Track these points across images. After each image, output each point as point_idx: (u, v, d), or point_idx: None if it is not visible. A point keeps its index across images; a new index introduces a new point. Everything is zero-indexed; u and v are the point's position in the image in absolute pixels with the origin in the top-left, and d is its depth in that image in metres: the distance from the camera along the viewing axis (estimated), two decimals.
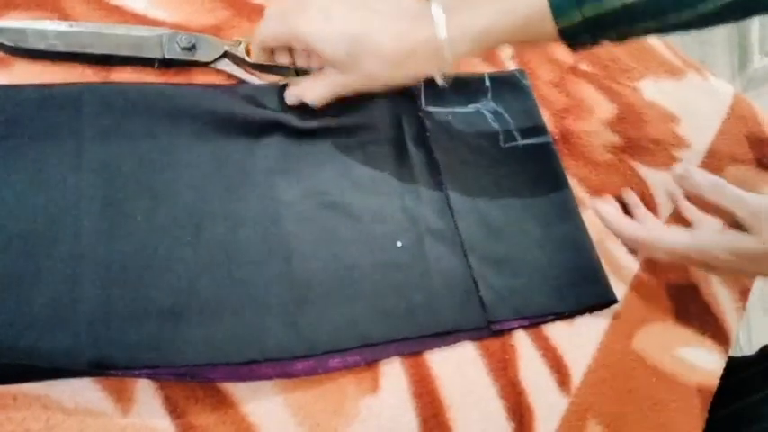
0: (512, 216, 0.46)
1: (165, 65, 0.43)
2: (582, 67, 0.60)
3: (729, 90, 0.65)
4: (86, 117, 0.39)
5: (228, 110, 0.42)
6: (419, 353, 0.39)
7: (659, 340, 0.46)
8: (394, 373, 0.38)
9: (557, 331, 0.43)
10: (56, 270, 0.34)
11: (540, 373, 0.41)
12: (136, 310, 0.34)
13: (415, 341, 0.39)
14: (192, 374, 0.34)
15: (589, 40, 0.41)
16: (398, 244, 0.42)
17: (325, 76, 0.43)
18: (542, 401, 0.40)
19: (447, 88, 0.51)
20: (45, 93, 0.39)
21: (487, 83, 0.53)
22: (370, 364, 0.38)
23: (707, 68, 0.67)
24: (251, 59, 0.45)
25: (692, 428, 0.43)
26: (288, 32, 0.42)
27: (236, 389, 0.35)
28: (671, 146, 0.58)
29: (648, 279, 0.49)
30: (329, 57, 0.41)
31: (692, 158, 0.58)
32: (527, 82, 0.54)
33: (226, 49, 0.44)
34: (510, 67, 0.56)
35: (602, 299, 0.45)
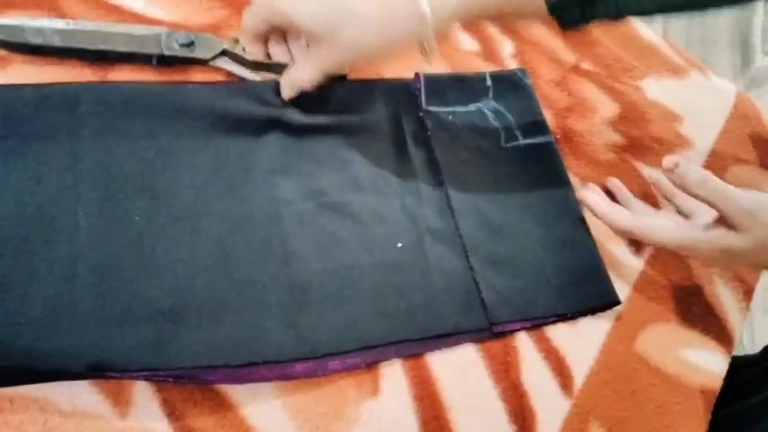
0: (513, 216, 0.46)
1: (163, 62, 0.43)
2: (584, 66, 0.59)
3: (732, 89, 0.65)
4: (84, 116, 0.38)
5: (227, 108, 0.42)
6: (420, 355, 0.39)
7: (662, 342, 0.46)
8: (394, 376, 0.38)
9: (559, 333, 0.43)
10: (53, 271, 0.34)
11: (542, 376, 0.41)
12: (134, 311, 0.34)
13: (415, 343, 0.39)
14: (191, 376, 0.33)
15: (579, 16, 0.40)
16: (398, 244, 0.41)
17: (311, 56, 0.43)
18: (544, 404, 0.40)
19: (448, 87, 0.51)
20: (42, 92, 0.38)
21: (489, 82, 0.52)
22: (371, 366, 0.37)
23: (709, 68, 0.66)
24: (249, 57, 0.44)
25: (695, 430, 0.43)
26: (271, 10, 0.42)
27: (235, 391, 0.34)
28: (674, 145, 0.58)
29: (651, 280, 0.48)
30: (310, 30, 0.41)
31: (695, 158, 0.58)
32: (529, 81, 0.54)
33: (224, 47, 0.44)
34: (511, 65, 0.56)
35: (605, 300, 0.45)
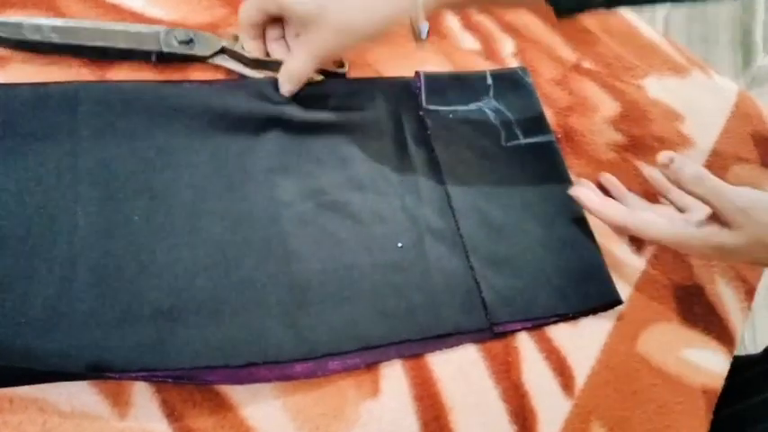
0: (514, 216, 0.46)
1: (162, 59, 0.43)
2: (585, 64, 0.59)
3: (734, 88, 0.64)
4: (82, 116, 0.38)
5: (226, 106, 0.42)
6: (420, 355, 0.39)
7: (664, 341, 0.45)
8: (394, 376, 0.38)
9: (560, 333, 0.43)
10: (52, 271, 0.33)
11: (544, 376, 0.41)
12: (133, 311, 0.34)
13: (415, 343, 0.38)
14: (190, 377, 0.33)
15: (575, 4, 0.40)
16: (399, 244, 0.41)
17: (303, 43, 0.43)
18: (545, 404, 0.40)
19: (448, 86, 0.51)
20: (41, 92, 0.38)
21: (489, 80, 0.52)
22: (371, 366, 0.37)
23: (711, 66, 0.66)
24: (248, 54, 0.44)
25: (696, 430, 0.43)
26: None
27: (235, 392, 0.34)
28: (675, 144, 0.57)
29: (653, 279, 0.48)
30: (299, 13, 0.41)
31: (697, 157, 0.58)
32: (530, 79, 0.54)
33: (223, 44, 0.44)
34: (512, 64, 0.56)
35: (606, 299, 0.45)
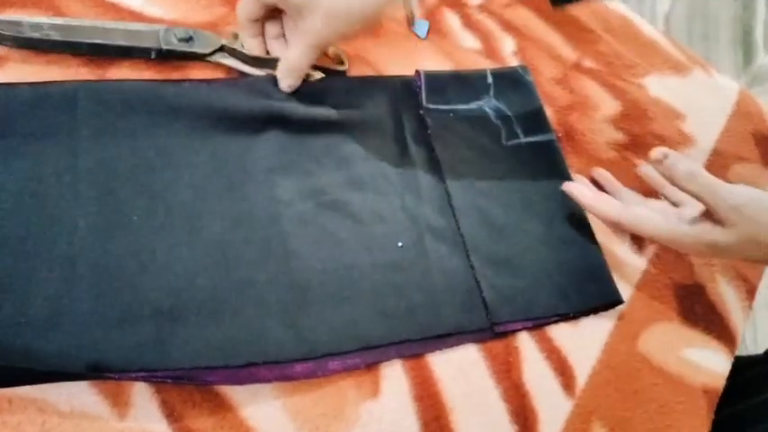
0: (514, 215, 0.46)
1: (161, 56, 0.43)
2: (585, 63, 0.59)
3: (735, 87, 0.64)
4: (82, 115, 0.38)
5: (227, 105, 0.42)
6: (420, 355, 0.38)
7: (665, 341, 0.45)
8: (395, 376, 0.37)
9: (561, 332, 0.43)
10: (52, 271, 0.33)
11: (544, 376, 0.41)
12: (133, 311, 0.34)
13: (416, 343, 0.38)
14: (190, 377, 0.33)
15: None
16: (399, 244, 0.41)
17: (299, 34, 0.43)
18: (546, 404, 0.40)
19: (448, 85, 0.50)
20: (40, 91, 0.38)
21: (490, 79, 0.52)
22: (371, 366, 0.37)
23: (712, 65, 0.66)
24: (248, 52, 0.44)
25: (697, 430, 0.43)
26: None
27: (234, 392, 0.34)
28: (676, 143, 0.57)
29: (654, 279, 0.48)
30: (294, 0, 0.41)
31: (698, 156, 0.58)
32: (530, 78, 0.54)
33: (222, 42, 0.44)
34: (512, 63, 0.55)
35: (607, 299, 0.44)
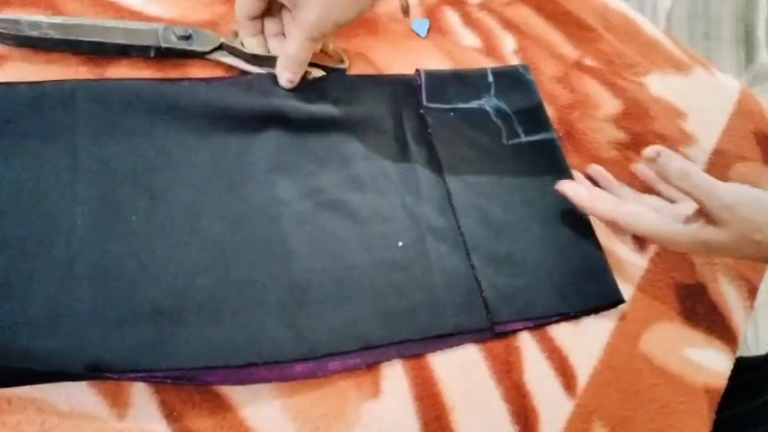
0: (515, 214, 0.45)
1: (161, 55, 0.43)
2: (586, 62, 0.59)
3: (736, 85, 0.64)
4: (81, 115, 0.38)
5: (226, 104, 0.42)
6: (421, 355, 0.38)
7: (666, 341, 0.45)
8: (395, 376, 0.37)
9: (562, 332, 0.42)
10: (51, 271, 0.33)
11: (545, 376, 0.40)
12: (132, 311, 0.34)
13: (416, 343, 0.38)
14: (189, 377, 0.33)
15: None
16: (399, 243, 0.41)
17: (296, 25, 0.43)
18: (547, 404, 0.39)
19: (449, 84, 0.50)
20: (39, 90, 0.38)
21: (490, 78, 0.52)
22: (371, 366, 0.37)
23: (713, 64, 0.66)
24: (247, 50, 0.44)
25: (699, 430, 0.43)
26: None
27: (234, 392, 0.34)
28: (677, 142, 0.57)
29: (655, 279, 0.48)
30: None
31: (699, 155, 0.57)
32: (531, 77, 0.53)
33: (222, 40, 0.44)
34: (513, 62, 0.55)
35: (608, 299, 0.44)
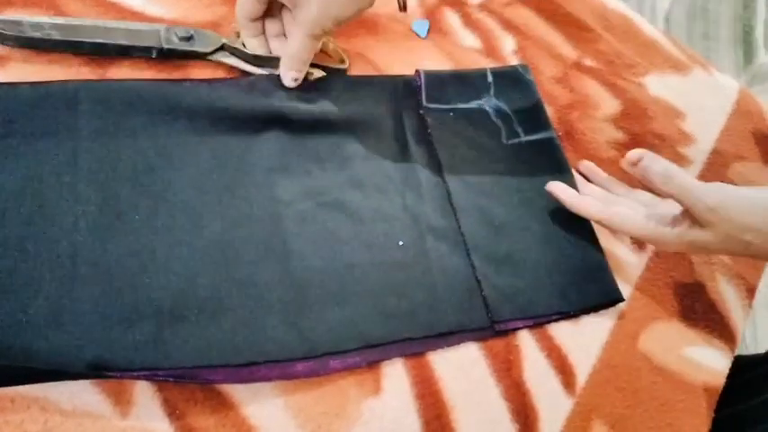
0: (515, 213, 0.46)
1: (162, 55, 0.43)
2: (586, 62, 0.59)
3: (735, 86, 0.64)
4: (83, 115, 0.38)
5: (227, 105, 0.42)
6: (421, 354, 0.39)
7: (665, 340, 0.45)
8: (396, 375, 0.38)
9: (561, 331, 0.43)
10: (52, 271, 0.33)
11: (545, 374, 0.41)
12: (134, 310, 0.34)
13: (416, 342, 0.38)
14: (192, 376, 0.33)
15: None
16: (399, 243, 0.41)
17: (297, 24, 0.43)
18: (547, 402, 0.40)
19: (448, 84, 0.51)
20: (41, 91, 0.38)
21: (490, 78, 0.52)
22: (372, 365, 0.37)
23: (712, 64, 0.66)
24: (249, 51, 0.44)
25: (698, 428, 0.43)
26: None
27: (236, 391, 0.34)
28: (676, 142, 0.57)
29: (654, 278, 0.48)
30: None
31: (698, 155, 0.58)
32: (531, 77, 0.54)
33: (224, 41, 0.44)
34: (513, 62, 0.56)
35: (608, 297, 0.44)
